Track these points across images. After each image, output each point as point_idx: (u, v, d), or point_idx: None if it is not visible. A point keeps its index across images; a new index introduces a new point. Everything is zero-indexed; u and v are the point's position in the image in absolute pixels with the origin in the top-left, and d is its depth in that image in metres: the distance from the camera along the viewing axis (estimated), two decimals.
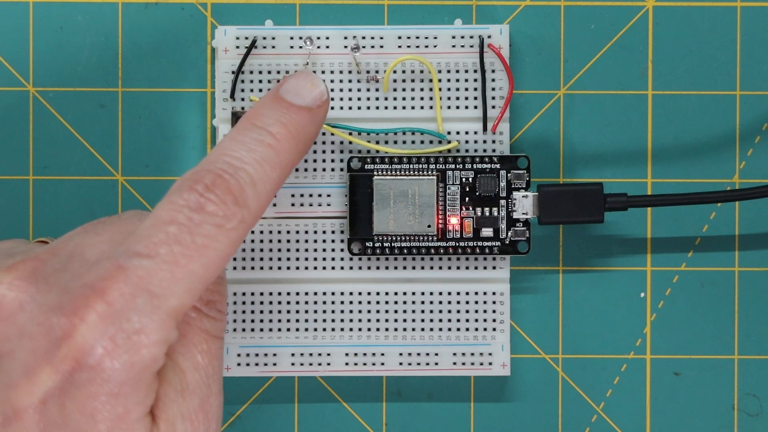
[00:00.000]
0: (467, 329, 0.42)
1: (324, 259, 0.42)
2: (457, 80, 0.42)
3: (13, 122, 0.43)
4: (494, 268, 0.42)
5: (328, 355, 0.42)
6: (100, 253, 0.32)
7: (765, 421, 0.43)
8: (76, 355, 0.30)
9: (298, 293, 0.42)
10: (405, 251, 0.41)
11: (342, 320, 0.42)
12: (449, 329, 0.42)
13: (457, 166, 0.41)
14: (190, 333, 0.33)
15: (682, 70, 0.43)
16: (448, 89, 0.42)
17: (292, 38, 0.42)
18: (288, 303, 0.42)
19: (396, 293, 0.42)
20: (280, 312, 0.42)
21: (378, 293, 0.42)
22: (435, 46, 0.42)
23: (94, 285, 0.31)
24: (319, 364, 0.42)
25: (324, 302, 0.42)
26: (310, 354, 0.42)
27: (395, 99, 0.42)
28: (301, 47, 0.42)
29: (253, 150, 0.34)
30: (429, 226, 0.41)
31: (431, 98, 0.42)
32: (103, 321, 0.30)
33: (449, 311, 0.42)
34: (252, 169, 0.33)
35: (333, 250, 0.42)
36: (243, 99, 0.42)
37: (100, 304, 0.30)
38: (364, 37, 0.42)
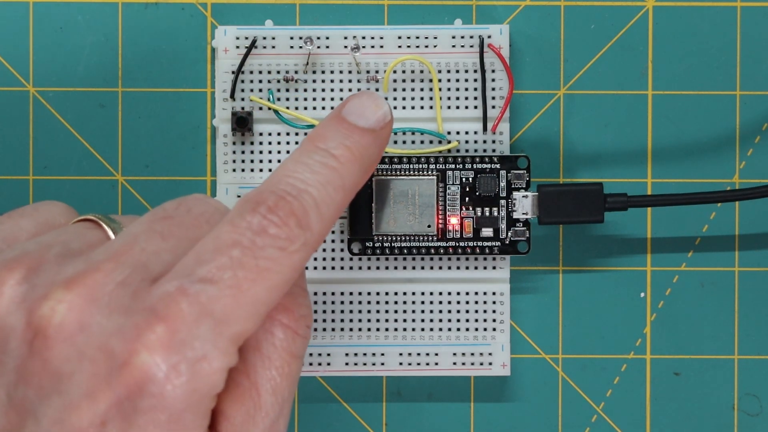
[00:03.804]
0: (467, 329, 0.42)
1: (324, 259, 0.42)
2: (457, 80, 0.42)
3: (13, 122, 0.43)
4: (494, 268, 0.42)
5: (328, 355, 0.42)
6: (165, 265, 0.31)
7: (765, 421, 0.43)
8: (138, 381, 0.30)
9: None
10: (405, 251, 0.41)
11: (342, 320, 0.42)
12: (449, 329, 0.42)
13: (457, 166, 0.41)
14: (275, 354, 0.32)
15: (682, 70, 0.43)
16: (448, 89, 0.42)
17: (292, 38, 0.42)
18: None
19: (396, 293, 0.42)
20: None
21: (378, 293, 0.42)
22: (435, 46, 0.42)
23: (156, 310, 0.30)
24: (319, 364, 0.42)
25: (324, 302, 0.42)
26: (310, 354, 0.42)
27: (395, 99, 0.42)
28: (301, 47, 0.42)
29: (317, 172, 0.33)
30: (429, 226, 0.41)
31: (431, 98, 0.42)
32: (166, 348, 0.30)
33: (449, 311, 0.42)
34: (316, 192, 0.32)
35: (333, 250, 0.42)
36: (243, 99, 0.42)
37: (163, 331, 0.30)
38: (364, 37, 0.42)
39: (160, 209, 0.33)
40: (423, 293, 0.42)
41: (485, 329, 0.42)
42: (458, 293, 0.42)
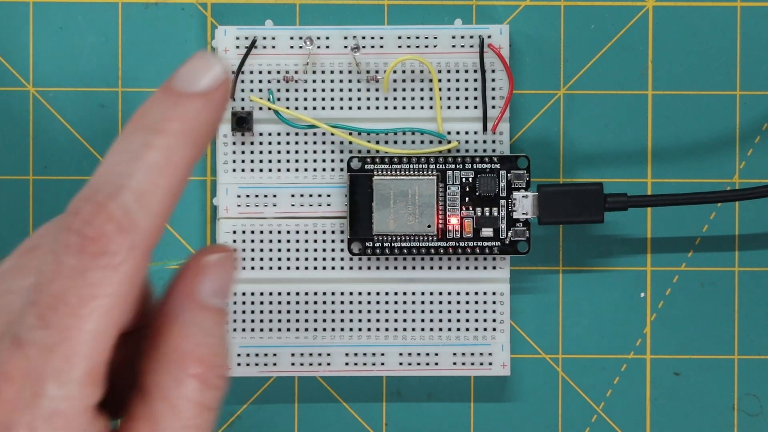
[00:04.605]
0: (467, 329, 0.42)
1: (324, 259, 0.42)
2: (457, 80, 0.42)
3: (13, 122, 0.43)
4: (494, 268, 0.42)
5: (328, 355, 0.42)
6: (15, 311, 0.29)
7: (765, 421, 0.43)
8: None
9: (298, 293, 0.42)
10: (405, 251, 0.41)
11: (342, 320, 0.42)
12: (449, 329, 0.42)
13: (457, 166, 0.41)
14: (185, 405, 0.30)
15: (682, 70, 0.43)
16: (448, 89, 0.42)
17: (292, 38, 0.42)
18: (288, 303, 0.42)
19: (396, 293, 0.42)
20: (280, 312, 0.42)
21: (378, 293, 0.42)
22: (435, 46, 0.42)
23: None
24: (319, 364, 0.42)
25: (324, 302, 0.42)
26: (310, 354, 0.42)
27: (395, 99, 0.42)
28: (301, 47, 0.42)
29: (139, 158, 0.29)
30: (429, 226, 0.41)
31: (431, 98, 0.42)
32: (16, 410, 0.28)
33: (449, 311, 0.42)
34: (136, 183, 0.29)
35: (333, 250, 0.42)
36: (243, 99, 0.42)
37: (8, 391, 0.28)
38: (364, 37, 0.42)
39: (23, 248, 0.31)
40: (423, 293, 0.42)
41: (485, 329, 0.42)
42: (458, 293, 0.42)
